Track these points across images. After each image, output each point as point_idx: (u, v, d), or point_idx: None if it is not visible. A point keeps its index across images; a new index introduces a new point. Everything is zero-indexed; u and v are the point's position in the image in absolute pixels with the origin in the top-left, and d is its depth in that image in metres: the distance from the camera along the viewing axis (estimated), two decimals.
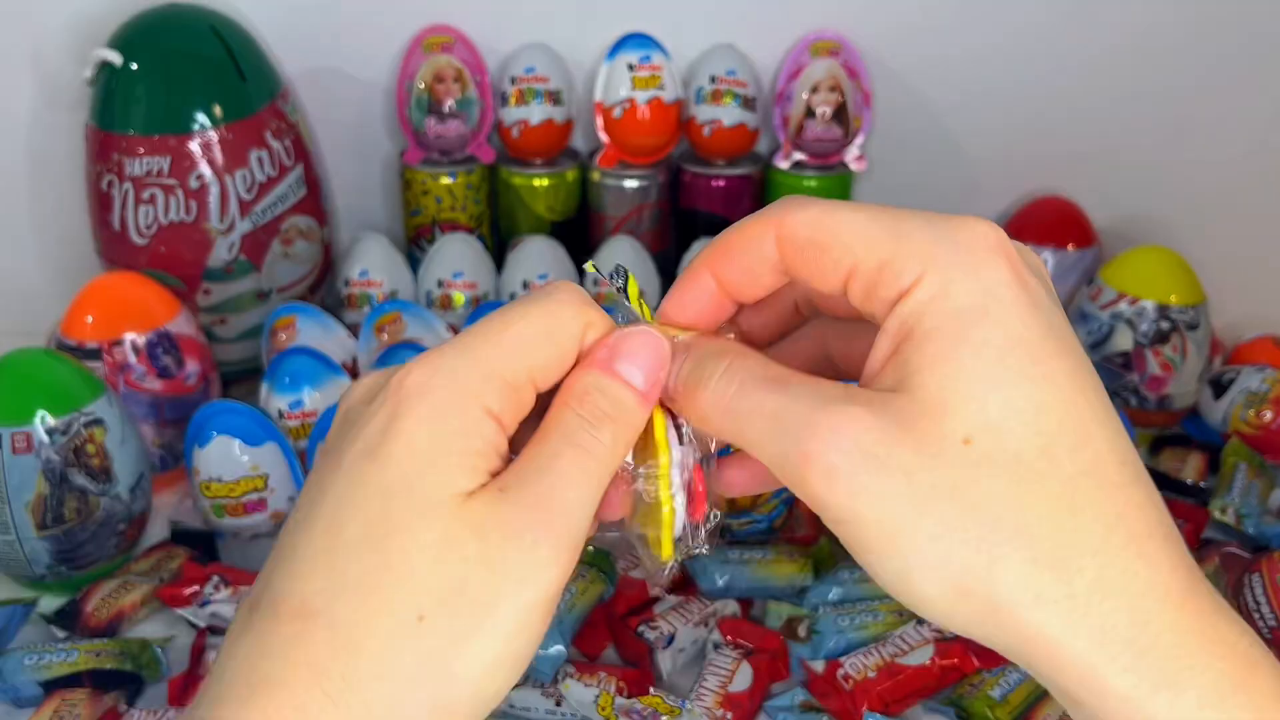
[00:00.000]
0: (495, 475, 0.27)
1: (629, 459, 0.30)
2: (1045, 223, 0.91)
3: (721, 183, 0.90)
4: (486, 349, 0.27)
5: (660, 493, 0.29)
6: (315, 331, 0.79)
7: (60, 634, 0.63)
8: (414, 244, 0.92)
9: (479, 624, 0.25)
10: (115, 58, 0.76)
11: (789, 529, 0.70)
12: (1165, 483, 0.76)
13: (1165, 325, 0.80)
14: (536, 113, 0.87)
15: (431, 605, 0.25)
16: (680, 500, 0.30)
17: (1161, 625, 0.24)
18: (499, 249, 0.93)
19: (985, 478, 0.24)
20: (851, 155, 0.89)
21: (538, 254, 0.86)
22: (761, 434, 0.27)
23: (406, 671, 0.25)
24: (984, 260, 0.25)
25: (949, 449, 0.25)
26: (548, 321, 0.28)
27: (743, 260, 0.29)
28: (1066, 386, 0.25)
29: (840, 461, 0.25)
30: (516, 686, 0.57)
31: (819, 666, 0.59)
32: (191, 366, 0.75)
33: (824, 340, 0.32)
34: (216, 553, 0.69)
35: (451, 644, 0.25)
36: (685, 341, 0.30)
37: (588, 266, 0.34)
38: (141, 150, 0.77)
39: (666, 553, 0.30)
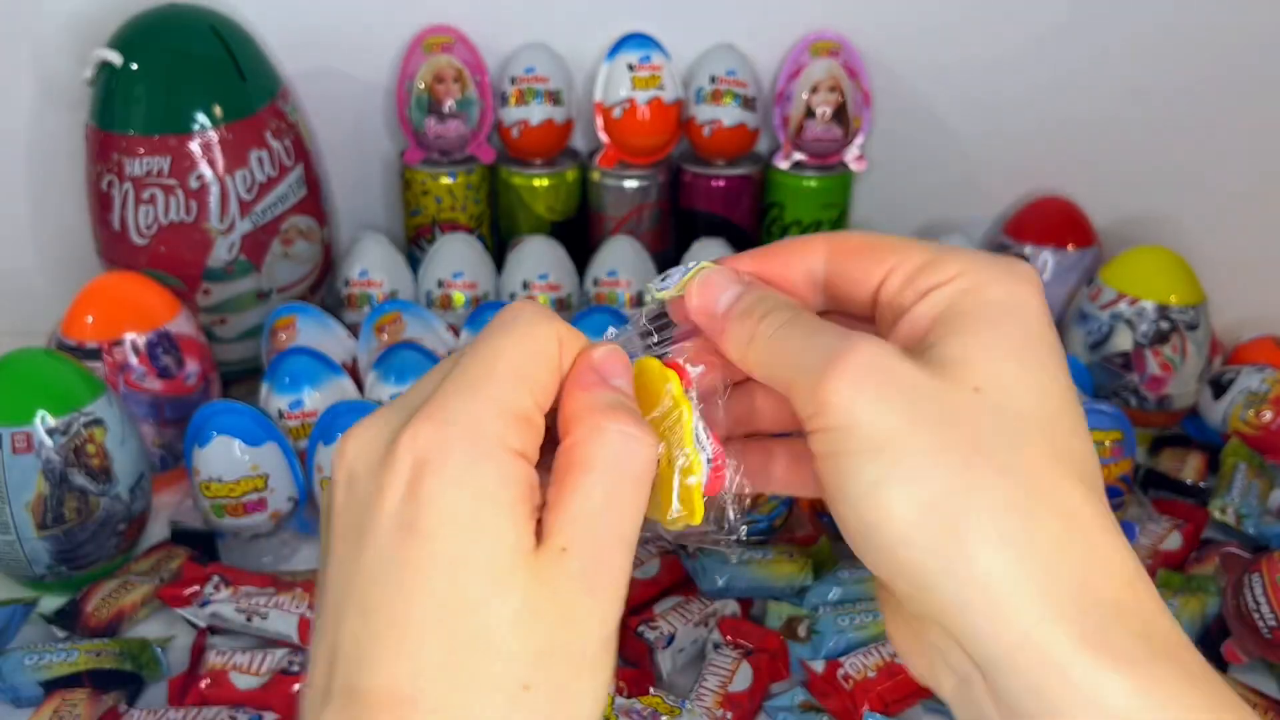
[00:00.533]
0: (540, 514, 0.26)
1: None
2: (1045, 223, 0.91)
3: (721, 183, 0.90)
4: (489, 387, 0.26)
5: (688, 446, 0.29)
6: (315, 331, 0.79)
7: (60, 634, 0.63)
8: (414, 244, 0.93)
9: (578, 675, 0.26)
10: (115, 58, 0.76)
11: (789, 529, 0.70)
12: (1165, 483, 0.76)
13: (1165, 325, 0.80)
14: (536, 113, 0.87)
15: (532, 672, 0.25)
16: (706, 454, 0.30)
17: (1106, 594, 0.25)
18: (499, 249, 0.93)
19: (986, 417, 0.26)
20: (851, 155, 0.89)
21: (538, 254, 0.86)
22: (801, 347, 0.28)
23: None
24: (1018, 277, 0.28)
25: (959, 389, 0.26)
26: (531, 344, 0.28)
27: (788, 257, 0.32)
28: (1068, 389, 0.27)
29: (860, 368, 0.26)
30: None
31: (819, 666, 0.59)
32: (191, 366, 0.75)
33: None
34: (216, 553, 0.69)
35: (560, 701, 0.26)
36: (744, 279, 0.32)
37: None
38: (141, 150, 0.77)
39: (698, 513, 0.29)
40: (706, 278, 0.31)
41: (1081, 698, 0.24)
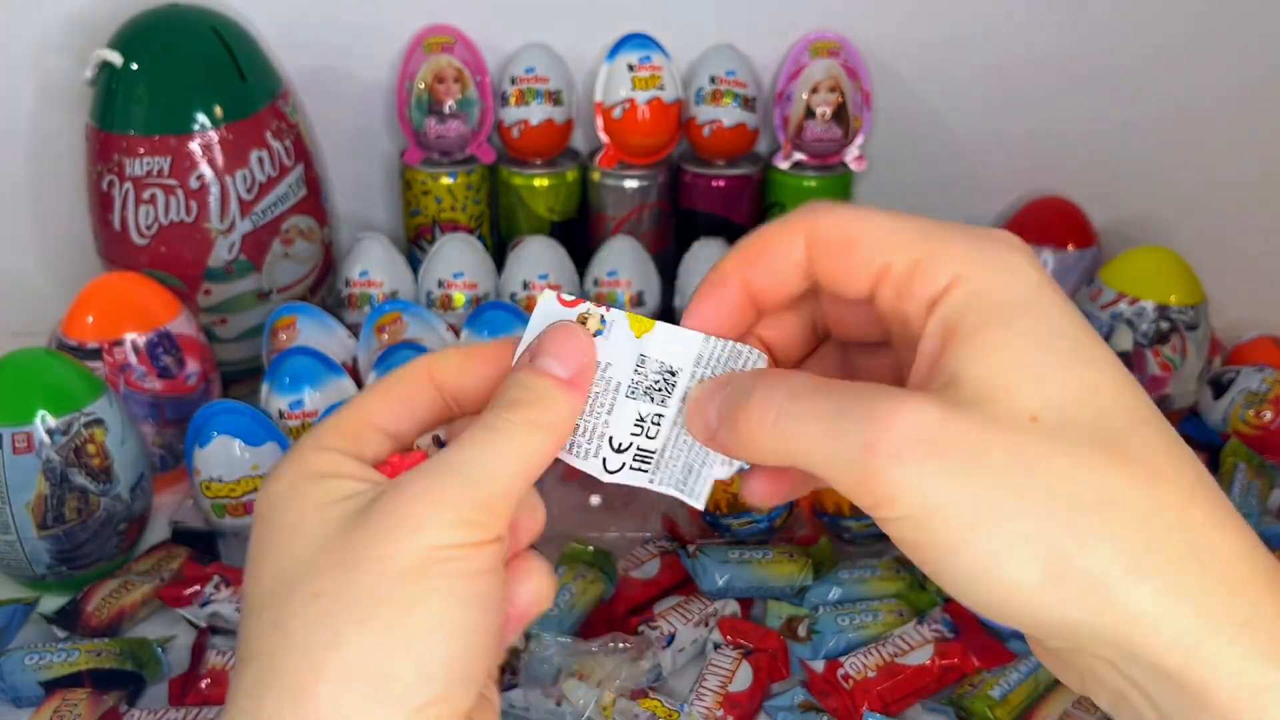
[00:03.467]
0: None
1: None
2: (1045, 223, 0.91)
3: (721, 183, 0.90)
4: (330, 415, 0.31)
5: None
6: (316, 331, 0.79)
7: (61, 634, 0.63)
8: (414, 244, 0.93)
9: (378, 584, 0.26)
10: (115, 58, 0.76)
11: (789, 529, 0.70)
12: None
13: (1165, 325, 0.80)
14: (537, 113, 0.88)
15: (324, 582, 0.27)
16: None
17: (1257, 594, 0.24)
18: (499, 249, 0.93)
19: (1059, 450, 0.24)
20: (851, 155, 0.89)
21: (538, 254, 0.86)
22: (816, 436, 0.26)
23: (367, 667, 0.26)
24: (1017, 264, 0.26)
25: (1018, 426, 0.24)
26: (389, 377, 0.31)
27: (771, 264, 0.29)
28: (1112, 371, 0.25)
29: (908, 447, 0.24)
30: (518, 685, 0.57)
31: (819, 666, 0.59)
32: (192, 366, 0.75)
33: (846, 360, 0.32)
34: (217, 552, 0.70)
35: (350, 604, 0.26)
36: (720, 378, 0.30)
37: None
38: (142, 150, 0.77)
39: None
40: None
41: (1253, 706, 0.23)
